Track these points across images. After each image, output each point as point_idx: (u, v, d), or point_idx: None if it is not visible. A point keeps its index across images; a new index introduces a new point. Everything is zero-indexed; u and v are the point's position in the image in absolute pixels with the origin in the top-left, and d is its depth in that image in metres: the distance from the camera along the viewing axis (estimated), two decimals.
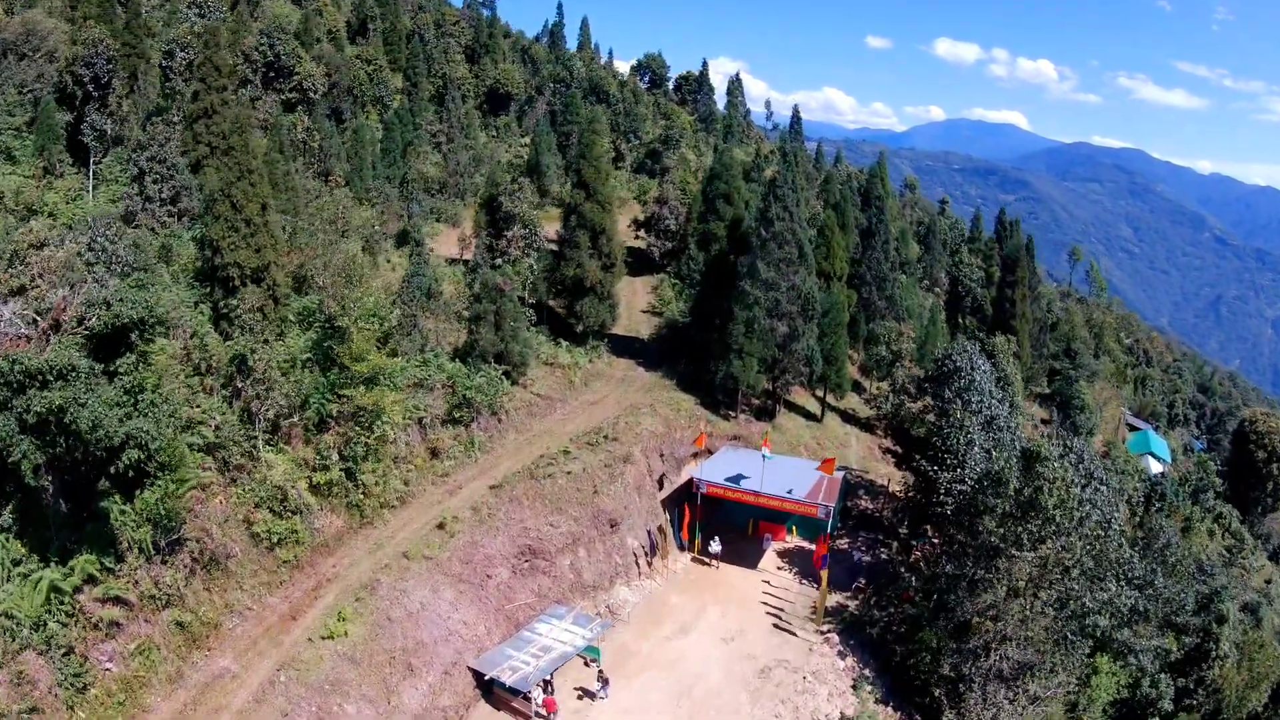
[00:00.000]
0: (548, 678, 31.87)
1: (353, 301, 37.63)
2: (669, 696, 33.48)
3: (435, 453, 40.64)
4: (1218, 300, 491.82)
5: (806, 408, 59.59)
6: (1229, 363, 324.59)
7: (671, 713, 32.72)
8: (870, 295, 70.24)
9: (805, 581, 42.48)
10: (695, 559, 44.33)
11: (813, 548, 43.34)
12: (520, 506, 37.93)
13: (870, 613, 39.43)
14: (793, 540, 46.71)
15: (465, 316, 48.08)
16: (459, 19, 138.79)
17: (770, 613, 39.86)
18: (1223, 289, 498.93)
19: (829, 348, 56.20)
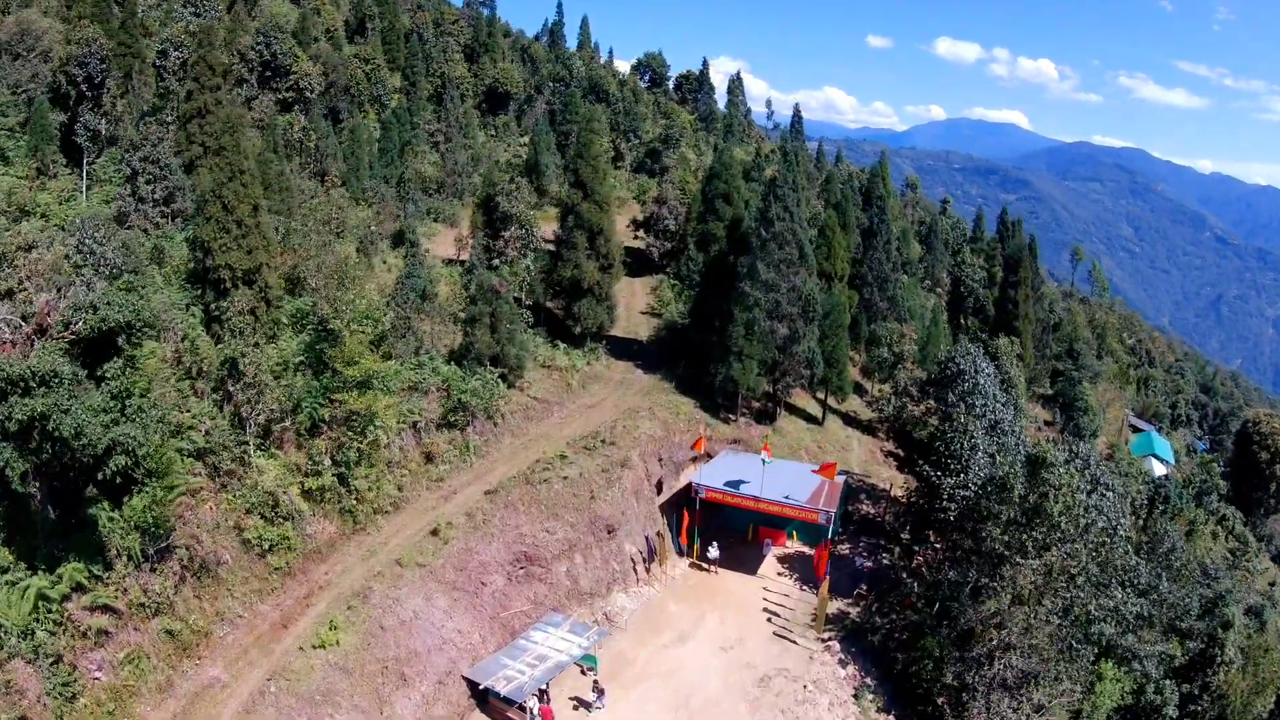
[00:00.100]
0: (544, 687, 31.37)
1: (346, 304, 37.12)
2: (666, 706, 32.95)
3: (430, 457, 40.10)
4: (1218, 300, 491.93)
5: (807, 410, 59.01)
6: (1230, 362, 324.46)
7: None
8: (872, 296, 69.65)
9: (806, 588, 41.89)
10: (694, 565, 43.78)
11: (813, 553, 42.82)
12: (516, 512, 37.41)
13: (872, 620, 38.86)
14: (793, 546, 46.13)
15: (461, 318, 47.47)
16: (458, 18, 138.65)
17: (770, 620, 39.32)
18: (1223, 288, 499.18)
19: (830, 349, 55.54)
